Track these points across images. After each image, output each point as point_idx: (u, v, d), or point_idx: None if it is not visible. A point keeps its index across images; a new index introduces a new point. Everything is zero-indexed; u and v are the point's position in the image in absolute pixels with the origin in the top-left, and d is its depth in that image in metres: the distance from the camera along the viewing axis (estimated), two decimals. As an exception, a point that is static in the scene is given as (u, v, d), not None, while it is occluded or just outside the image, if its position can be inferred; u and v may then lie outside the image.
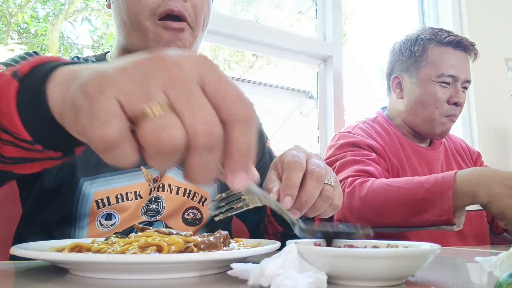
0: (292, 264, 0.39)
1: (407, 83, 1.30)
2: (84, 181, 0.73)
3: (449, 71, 1.23)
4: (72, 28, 2.18)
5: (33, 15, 2.25)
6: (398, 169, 1.20)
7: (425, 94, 1.25)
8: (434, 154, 1.32)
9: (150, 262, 0.40)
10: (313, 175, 0.58)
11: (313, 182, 0.58)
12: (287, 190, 0.57)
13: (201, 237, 0.51)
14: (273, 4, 2.14)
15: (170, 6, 0.75)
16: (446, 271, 0.52)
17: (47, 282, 0.42)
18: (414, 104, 1.27)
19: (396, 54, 1.35)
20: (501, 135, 2.20)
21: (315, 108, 1.93)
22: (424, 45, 1.27)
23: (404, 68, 1.31)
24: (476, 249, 0.84)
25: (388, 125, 1.32)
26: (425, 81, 1.25)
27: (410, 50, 1.30)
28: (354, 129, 1.26)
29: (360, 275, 0.39)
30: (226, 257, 0.43)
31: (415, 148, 1.30)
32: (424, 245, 0.44)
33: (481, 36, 2.18)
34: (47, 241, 0.56)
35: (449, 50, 1.26)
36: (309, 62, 1.92)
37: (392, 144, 1.25)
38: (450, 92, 1.24)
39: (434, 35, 1.28)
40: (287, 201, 0.57)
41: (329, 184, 0.60)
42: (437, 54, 1.26)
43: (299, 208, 0.58)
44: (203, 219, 0.82)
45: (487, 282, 0.42)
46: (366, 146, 1.18)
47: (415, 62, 1.28)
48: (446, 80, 1.23)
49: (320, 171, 0.59)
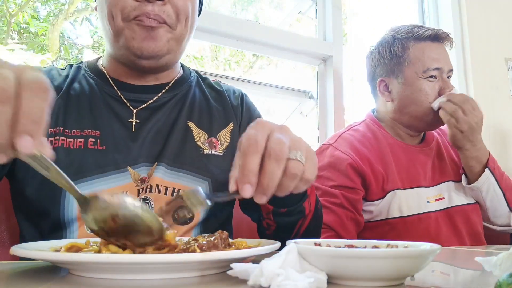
0: (292, 264, 0.39)
1: (394, 85, 1.29)
2: None
3: (433, 64, 1.24)
4: (72, 28, 2.19)
5: (33, 15, 2.25)
6: (383, 177, 1.19)
7: (415, 92, 1.25)
8: (426, 151, 1.31)
9: (150, 262, 0.40)
10: (271, 155, 0.53)
11: (272, 163, 0.53)
12: (244, 178, 0.53)
13: (201, 238, 0.51)
14: (273, 4, 2.14)
15: (145, 10, 0.75)
16: (446, 271, 0.52)
17: (47, 282, 0.42)
18: (406, 103, 1.27)
19: (375, 58, 1.34)
20: (501, 134, 2.20)
21: (315, 108, 1.93)
22: (403, 44, 1.27)
23: (388, 70, 1.30)
24: (475, 249, 0.84)
25: (377, 127, 1.31)
26: (412, 79, 1.25)
27: (390, 52, 1.29)
28: (337, 141, 1.25)
29: (360, 275, 0.39)
30: (226, 257, 0.43)
31: (405, 148, 1.29)
32: (424, 245, 0.44)
33: (481, 36, 2.18)
34: (46, 241, 0.56)
35: (428, 44, 1.26)
36: (309, 62, 1.92)
37: (379, 149, 1.24)
38: (438, 85, 1.25)
39: (410, 32, 1.28)
40: (247, 190, 0.52)
41: (295, 159, 0.55)
42: (418, 51, 1.26)
43: (263, 193, 0.54)
44: (194, 218, 0.81)
45: (487, 282, 0.42)
46: (347, 166, 1.16)
47: (398, 63, 1.28)
48: (432, 74, 1.24)
49: (280, 148, 0.53)
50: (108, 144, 0.78)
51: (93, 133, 0.78)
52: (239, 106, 0.96)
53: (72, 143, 0.76)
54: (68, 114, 0.79)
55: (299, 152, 0.56)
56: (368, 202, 1.19)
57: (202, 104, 0.92)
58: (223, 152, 0.88)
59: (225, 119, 0.92)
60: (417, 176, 1.24)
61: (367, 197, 1.19)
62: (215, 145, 0.88)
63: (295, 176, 0.55)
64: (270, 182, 0.53)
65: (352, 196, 1.15)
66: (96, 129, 0.78)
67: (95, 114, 0.80)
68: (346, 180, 1.16)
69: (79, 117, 0.79)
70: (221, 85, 1.00)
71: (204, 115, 0.90)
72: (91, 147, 0.77)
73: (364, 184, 1.18)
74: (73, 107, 0.80)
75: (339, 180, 1.16)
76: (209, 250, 0.48)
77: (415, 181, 1.23)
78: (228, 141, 0.91)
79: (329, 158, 1.20)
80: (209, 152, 0.86)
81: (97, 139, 0.78)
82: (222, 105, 0.94)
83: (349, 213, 1.14)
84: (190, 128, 0.87)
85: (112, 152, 0.77)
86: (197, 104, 0.91)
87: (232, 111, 0.94)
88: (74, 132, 0.77)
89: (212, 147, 0.88)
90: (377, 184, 1.19)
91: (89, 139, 0.77)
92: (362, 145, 1.24)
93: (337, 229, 1.10)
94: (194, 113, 0.89)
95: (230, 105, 0.95)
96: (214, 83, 0.99)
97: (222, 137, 0.90)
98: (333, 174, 1.17)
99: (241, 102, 0.97)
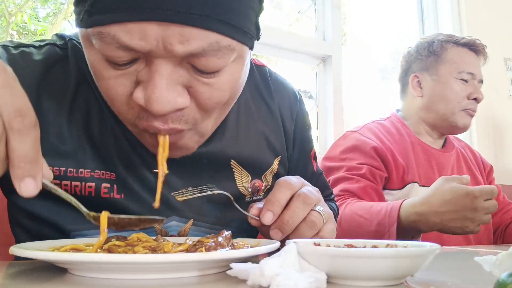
0: (292, 264, 0.39)
1: (427, 81, 1.35)
2: None
3: (469, 68, 1.30)
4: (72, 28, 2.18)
5: (33, 14, 2.25)
6: (404, 169, 1.23)
7: (446, 90, 1.30)
8: (445, 156, 1.36)
9: (150, 262, 0.40)
10: (300, 197, 0.54)
11: (298, 203, 0.54)
12: (269, 205, 0.54)
13: (206, 239, 0.51)
14: (272, 3, 2.14)
15: (153, 124, 0.53)
16: (446, 271, 0.52)
17: (47, 282, 0.42)
18: (436, 100, 1.32)
19: (413, 55, 1.40)
20: (500, 134, 2.20)
21: (314, 108, 1.93)
22: (442, 45, 1.34)
23: (423, 67, 1.36)
24: (475, 248, 0.85)
25: (401, 125, 1.36)
26: (445, 78, 1.31)
27: (428, 50, 1.36)
28: (362, 129, 1.30)
29: (360, 275, 0.39)
30: (226, 257, 0.43)
31: (426, 149, 1.33)
32: (424, 244, 0.44)
33: (481, 36, 2.16)
34: (46, 241, 0.55)
35: (465, 50, 1.34)
36: (308, 62, 1.92)
37: (401, 143, 1.29)
38: (469, 89, 1.30)
39: (450, 37, 1.36)
40: (268, 217, 0.53)
41: (318, 212, 0.55)
42: (455, 53, 1.32)
43: (280, 228, 0.54)
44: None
45: (486, 282, 0.42)
46: (371, 148, 1.20)
47: (435, 60, 1.33)
48: (465, 78, 1.30)
49: (309, 196, 0.55)
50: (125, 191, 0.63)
51: (108, 176, 0.63)
52: (292, 131, 0.78)
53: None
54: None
55: (324, 209, 0.57)
56: (386, 190, 1.23)
57: (249, 127, 0.72)
58: (264, 194, 0.74)
59: (274, 151, 0.74)
60: (433, 177, 1.27)
61: (387, 184, 1.23)
62: (258, 189, 0.73)
63: (314, 225, 0.55)
64: (291, 219, 0.54)
65: (376, 171, 1.19)
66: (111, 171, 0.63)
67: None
68: (371, 160, 1.20)
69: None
70: (272, 91, 0.77)
71: (250, 146, 0.71)
72: (105, 195, 0.62)
73: (387, 170, 1.22)
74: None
75: (364, 160, 1.20)
76: (215, 250, 0.48)
77: (430, 180, 1.26)
78: (271, 180, 0.74)
79: (354, 141, 1.25)
80: (250, 199, 0.72)
81: (113, 184, 0.62)
82: (275, 130, 0.75)
83: (373, 184, 1.17)
84: (232, 169, 0.70)
85: (130, 202, 0.63)
86: (242, 128, 0.71)
87: (284, 138, 0.76)
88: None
89: (255, 191, 0.72)
90: (397, 174, 1.22)
91: (102, 184, 0.62)
92: (386, 137, 1.28)
93: (361, 195, 1.14)
94: (238, 144, 0.70)
95: (282, 130, 0.76)
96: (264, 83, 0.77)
97: (268, 176, 0.74)
98: (358, 155, 1.21)
99: (296, 123, 0.79)
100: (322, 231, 0.57)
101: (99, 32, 0.47)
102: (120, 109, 0.54)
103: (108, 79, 0.51)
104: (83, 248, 0.50)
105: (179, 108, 0.51)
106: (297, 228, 0.55)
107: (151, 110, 0.49)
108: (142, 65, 0.50)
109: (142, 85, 0.50)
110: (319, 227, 0.56)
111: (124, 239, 0.52)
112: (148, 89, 0.49)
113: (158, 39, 0.46)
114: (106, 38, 0.47)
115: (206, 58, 0.49)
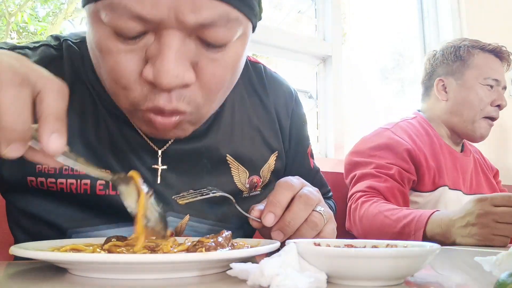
0: (292, 264, 0.39)
1: (452, 85, 1.35)
2: None
3: (494, 75, 1.32)
4: (72, 28, 2.18)
5: (33, 14, 2.25)
6: (435, 172, 1.23)
7: (471, 94, 1.31)
8: (466, 160, 1.37)
9: (150, 262, 0.40)
10: (301, 198, 0.54)
11: (300, 204, 0.54)
12: (270, 207, 0.54)
13: (206, 239, 0.51)
14: (272, 3, 2.14)
15: (158, 104, 0.52)
16: (446, 271, 0.52)
17: (47, 282, 0.42)
18: (459, 105, 1.32)
19: (438, 59, 1.40)
20: (500, 134, 2.20)
21: (314, 107, 1.93)
22: (469, 50, 1.34)
23: (449, 71, 1.36)
24: (475, 248, 0.85)
25: (428, 126, 1.36)
26: (471, 83, 1.31)
27: (455, 55, 1.36)
28: (394, 127, 1.30)
29: (360, 275, 0.39)
30: (226, 257, 0.43)
31: (452, 152, 1.34)
32: (424, 244, 0.44)
33: (481, 36, 2.17)
34: (46, 241, 0.56)
35: (491, 56, 1.35)
36: (308, 62, 1.92)
37: (431, 145, 1.29)
38: (493, 95, 1.31)
39: (476, 42, 1.37)
40: (269, 218, 0.53)
41: (319, 212, 0.56)
42: (482, 59, 1.33)
43: (282, 230, 0.54)
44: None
45: (486, 282, 0.42)
46: (404, 150, 1.20)
47: (461, 65, 1.34)
48: (490, 84, 1.31)
49: (310, 196, 0.55)
50: None
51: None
52: (288, 128, 0.78)
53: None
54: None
55: (324, 210, 0.57)
56: (417, 192, 1.23)
57: (243, 122, 0.72)
58: (261, 190, 0.74)
59: (269, 147, 0.74)
60: (458, 180, 1.28)
61: (417, 186, 1.23)
62: (256, 185, 0.73)
63: (315, 226, 0.55)
64: (293, 221, 0.54)
65: (405, 173, 1.19)
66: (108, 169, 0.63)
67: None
68: (401, 162, 1.20)
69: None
70: (267, 87, 0.77)
71: (245, 142, 0.72)
72: (100, 192, 0.62)
73: (418, 173, 1.22)
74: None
75: (394, 161, 1.20)
76: (215, 250, 0.48)
77: (457, 184, 1.28)
78: (269, 176, 0.75)
79: (387, 140, 1.24)
80: (247, 195, 0.72)
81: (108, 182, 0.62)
82: (270, 126, 0.75)
83: (400, 186, 1.17)
84: (229, 165, 0.70)
85: None
86: (237, 124, 0.71)
87: (280, 134, 0.76)
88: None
89: (252, 187, 0.73)
90: (429, 176, 1.23)
91: (97, 181, 0.63)
92: (419, 136, 1.29)
93: (387, 196, 1.14)
94: (233, 140, 0.70)
95: (277, 126, 0.76)
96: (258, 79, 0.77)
97: (266, 172, 0.74)
98: (390, 155, 1.21)
99: (292, 119, 0.79)
100: (323, 231, 0.57)
101: (110, 3, 0.48)
102: (126, 86, 0.53)
103: (118, 54, 0.51)
104: (83, 248, 0.50)
105: (186, 84, 0.51)
106: (299, 229, 0.55)
107: (159, 83, 0.49)
108: (152, 39, 0.50)
109: (150, 61, 0.50)
110: (320, 227, 0.56)
111: (124, 239, 0.52)
112: (157, 63, 0.49)
113: (170, 8, 0.47)
114: (117, 8, 0.47)
115: (215, 29, 0.50)
